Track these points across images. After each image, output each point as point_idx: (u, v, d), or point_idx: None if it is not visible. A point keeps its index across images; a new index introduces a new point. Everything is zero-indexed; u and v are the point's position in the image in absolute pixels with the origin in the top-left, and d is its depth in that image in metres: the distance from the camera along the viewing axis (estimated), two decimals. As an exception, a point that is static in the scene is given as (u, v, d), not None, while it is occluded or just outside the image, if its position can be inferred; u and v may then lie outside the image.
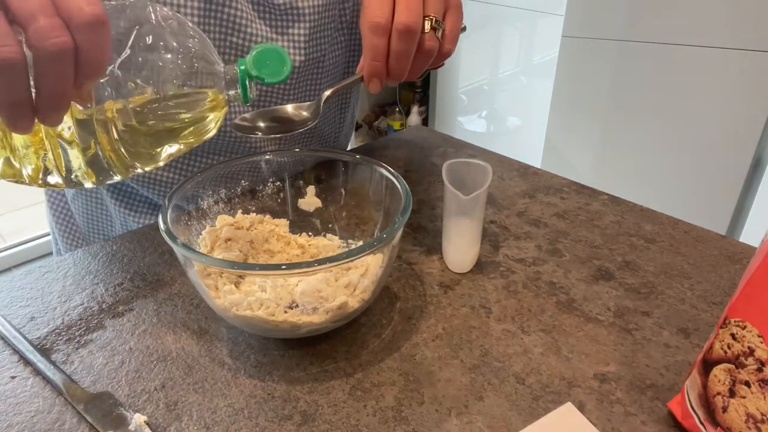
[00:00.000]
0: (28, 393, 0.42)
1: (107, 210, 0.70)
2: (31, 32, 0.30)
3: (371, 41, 0.45)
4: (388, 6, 0.45)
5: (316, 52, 0.62)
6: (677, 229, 0.61)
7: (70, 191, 0.71)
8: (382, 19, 0.44)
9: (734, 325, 0.34)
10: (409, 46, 0.45)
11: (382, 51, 0.45)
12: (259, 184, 0.55)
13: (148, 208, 0.69)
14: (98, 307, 0.50)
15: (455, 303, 0.50)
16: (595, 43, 1.59)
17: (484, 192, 0.50)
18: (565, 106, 1.74)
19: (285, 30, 0.60)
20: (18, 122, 0.34)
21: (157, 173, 0.64)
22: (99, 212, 0.71)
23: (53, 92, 0.33)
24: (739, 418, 0.33)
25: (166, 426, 0.39)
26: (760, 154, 1.42)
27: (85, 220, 0.72)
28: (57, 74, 0.32)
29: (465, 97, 2.22)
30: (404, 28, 0.44)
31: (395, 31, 0.44)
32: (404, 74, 0.47)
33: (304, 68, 0.62)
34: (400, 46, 0.45)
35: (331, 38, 0.63)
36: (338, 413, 0.40)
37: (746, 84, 1.38)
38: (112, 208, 0.69)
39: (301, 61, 0.61)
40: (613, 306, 0.50)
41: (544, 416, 0.39)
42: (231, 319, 0.44)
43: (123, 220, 0.69)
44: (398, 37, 0.44)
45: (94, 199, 0.70)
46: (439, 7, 0.47)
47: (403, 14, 0.44)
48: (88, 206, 0.71)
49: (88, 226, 0.73)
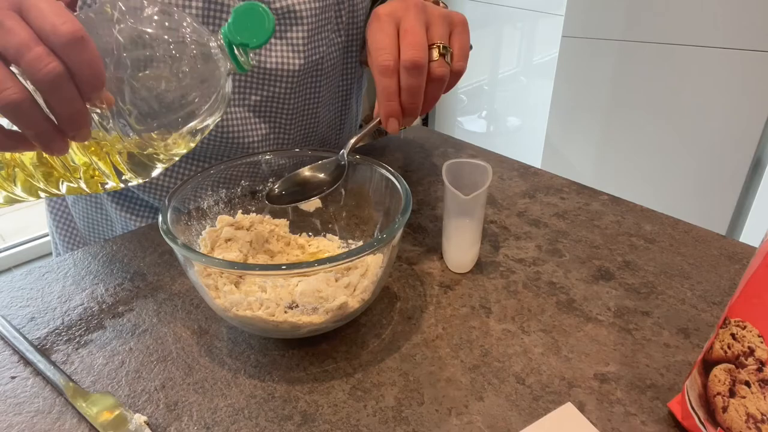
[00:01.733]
0: (29, 393, 0.42)
1: (108, 214, 0.70)
2: (24, 67, 0.31)
3: (382, 83, 0.46)
4: (394, 46, 0.45)
5: (315, 55, 0.62)
6: (677, 229, 0.61)
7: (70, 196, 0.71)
8: (390, 61, 0.45)
9: (734, 325, 0.34)
10: (419, 81, 0.46)
11: (394, 91, 0.46)
12: (259, 184, 0.55)
13: (149, 211, 0.69)
14: (98, 307, 0.50)
15: (455, 303, 0.50)
16: (595, 43, 1.59)
17: (484, 192, 0.50)
18: (565, 106, 1.74)
19: (284, 34, 0.59)
20: (52, 147, 0.35)
21: (157, 178, 0.64)
22: (100, 216, 0.71)
23: (68, 113, 0.33)
24: (739, 418, 0.33)
25: (167, 426, 0.39)
26: (760, 154, 1.42)
27: (86, 224, 0.72)
28: (63, 98, 0.32)
29: (465, 97, 2.22)
30: (411, 65, 0.45)
31: (403, 69, 0.45)
32: (418, 108, 0.48)
33: (304, 71, 0.62)
34: (410, 82, 0.46)
35: (329, 40, 0.63)
36: (338, 413, 0.40)
37: (746, 84, 1.38)
38: (113, 212, 0.69)
39: (300, 65, 0.61)
40: (613, 306, 0.50)
41: (545, 416, 0.39)
42: (231, 319, 0.44)
43: (124, 224, 0.69)
44: (407, 74, 0.45)
45: (94, 203, 0.70)
46: (443, 30, 0.48)
47: (409, 51, 0.45)
48: (88, 210, 0.71)
49: (88, 230, 0.73)
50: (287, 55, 0.60)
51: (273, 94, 0.61)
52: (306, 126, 0.67)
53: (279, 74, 0.60)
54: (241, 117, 0.61)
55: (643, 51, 1.51)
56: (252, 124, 0.62)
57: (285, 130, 0.65)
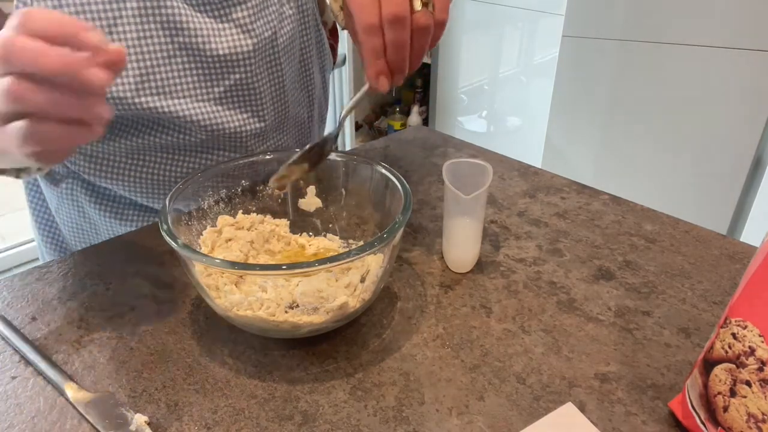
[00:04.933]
0: (29, 393, 0.42)
1: (91, 220, 0.68)
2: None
3: (367, 42, 0.45)
4: (374, 3, 0.44)
5: (267, 31, 0.60)
6: (678, 228, 0.61)
7: (53, 201, 0.69)
8: (374, 18, 0.44)
9: (735, 324, 0.34)
10: (404, 34, 0.45)
11: (380, 48, 0.45)
12: (260, 184, 0.55)
13: (134, 211, 0.67)
14: (99, 307, 0.50)
15: (456, 303, 0.50)
16: (595, 43, 1.59)
17: (485, 192, 0.50)
18: (565, 106, 1.74)
19: (228, 16, 0.58)
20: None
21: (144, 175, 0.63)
22: (83, 222, 0.69)
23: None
24: (740, 417, 0.33)
25: (167, 426, 0.39)
26: (760, 154, 1.42)
27: (71, 230, 0.70)
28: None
29: (465, 97, 2.22)
30: (393, 17, 0.44)
31: (386, 23, 0.44)
32: (406, 62, 0.47)
33: (259, 51, 0.60)
34: (394, 36, 0.45)
35: (279, 14, 0.61)
36: (339, 413, 0.40)
37: (746, 84, 1.38)
38: (96, 217, 0.67)
39: (253, 44, 0.59)
40: (613, 306, 0.50)
41: (545, 416, 0.39)
42: (232, 319, 0.44)
43: (108, 227, 0.67)
44: (390, 27, 0.44)
45: (77, 209, 0.68)
46: None
47: (390, 5, 0.44)
48: (71, 216, 0.69)
49: (74, 237, 0.71)
50: (237, 37, 0.58)
51: (235, 81, 0.60)
52: (278, 108, 0.65)
53: (234, 58, 0.58)
54: (211, 110, 0.59)
55: (643, 51, 1.51)
56: (224, 117, 0.60)
57: (259, 116, 0.63)
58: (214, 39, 0.57)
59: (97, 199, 0.66)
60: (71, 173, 0.65)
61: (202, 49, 0.56)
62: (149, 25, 0.54)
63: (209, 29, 0.57)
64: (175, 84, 0.57)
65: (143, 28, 0.54)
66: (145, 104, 0.55)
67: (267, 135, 0.65)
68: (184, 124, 0.59)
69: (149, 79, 0.55)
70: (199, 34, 0.56)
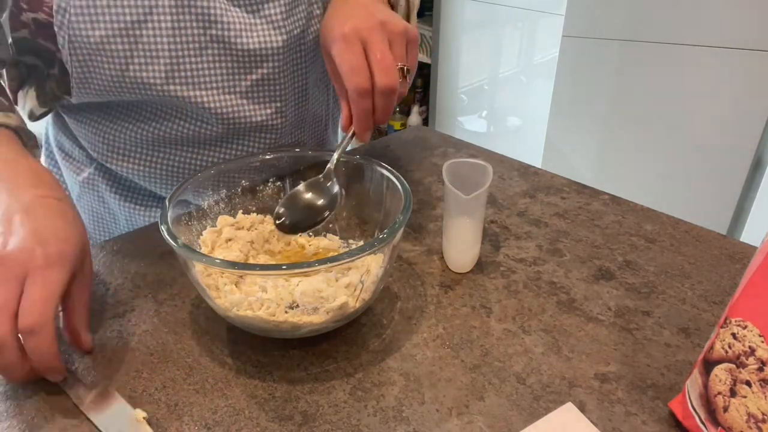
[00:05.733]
0: (29, 393, 0.42)
1: (111, 209, 0.70)
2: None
3: (360, 104, 0.51)
4: (365, 68, 0.50)
5: (296, 29, 0.61)
6: (678, 228, 0.61)
7: (75, 190, 0.71)
8: (366, 84, 0.50)
9: (735, 324, 0.34)
10: (392, 101, 0.52)
11: (371, 110, 0.52)
12: (260, 184, 0.55)
13: (153, 200, 0.69)
14: (98, 307, 0.50)
15: (456, 303, 0.50)
16: (596, 43, 1.59)
17: (485, 192, 0.50)
18: (565, 106, 1.74)
19: (261, 11, 0.59)
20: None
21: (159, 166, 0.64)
22: (104, 211, 0.71)
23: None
24: (740, 417, 0.33)
25: (167, 426, 0.39)
26: (760, 154, 1.42)
27: (92, 219, 0.72)
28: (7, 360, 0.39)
29: (465, 97, 2.22)
30: (388, 90, 0.50)
31: (379, 93, 0.50)
32: (386, 121, 0.54)
33: (287, 48, 0.61)
34: (385, 103, 0.51)
35: (307, 13, 0.62)
36: (339, 413, 0.40)
37: (746, 84, 1.38)
38: (115, 205, 0.69)
39: (283, 40, 0.60)
40: (613, 306, 0.50)
41: (545, 416, 0.39)
42: (232, 319, 0.44)
43: (128, 215, 0.69)
44: (383, 97, 0.51)
45: (98, 198, 0.70)
46: (402, 50, 0.53)
47: (383, 77, 0.50)
48: (92, 205, 0.71)
49: (94, 226, 0.73)
50: (268, 33, 0.59)
51: (262, 76, 0.61)
52: (299, 105, 0.67)
53: (263, 53, 0.59)
54: (236, 104, 0.60)
55: (643, 51, 1.51)
56: (247, 111, 0.62)
57: (281, 112, 0.64)
58: (245, 33, 0.58)
59: (117, 188, 0.68)
60: (93, 162, 0.68)
61: (234, 43, 0.58)
62: (184, 16, 0.55)
63: (242, 23, 0.58)
64: (204, 75, 0.58)
65: (178, 19, 0.55)
66: (173, 92, 0.57)
67: (285, 131, 0.66)
68: (208, 116, 0.60)
69: (179, 69, 0.56)
70: (232, 28, 0.57)
